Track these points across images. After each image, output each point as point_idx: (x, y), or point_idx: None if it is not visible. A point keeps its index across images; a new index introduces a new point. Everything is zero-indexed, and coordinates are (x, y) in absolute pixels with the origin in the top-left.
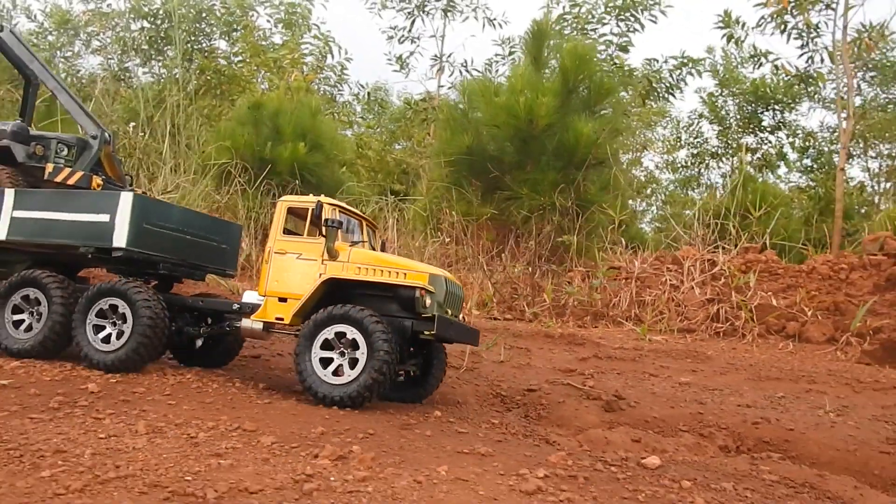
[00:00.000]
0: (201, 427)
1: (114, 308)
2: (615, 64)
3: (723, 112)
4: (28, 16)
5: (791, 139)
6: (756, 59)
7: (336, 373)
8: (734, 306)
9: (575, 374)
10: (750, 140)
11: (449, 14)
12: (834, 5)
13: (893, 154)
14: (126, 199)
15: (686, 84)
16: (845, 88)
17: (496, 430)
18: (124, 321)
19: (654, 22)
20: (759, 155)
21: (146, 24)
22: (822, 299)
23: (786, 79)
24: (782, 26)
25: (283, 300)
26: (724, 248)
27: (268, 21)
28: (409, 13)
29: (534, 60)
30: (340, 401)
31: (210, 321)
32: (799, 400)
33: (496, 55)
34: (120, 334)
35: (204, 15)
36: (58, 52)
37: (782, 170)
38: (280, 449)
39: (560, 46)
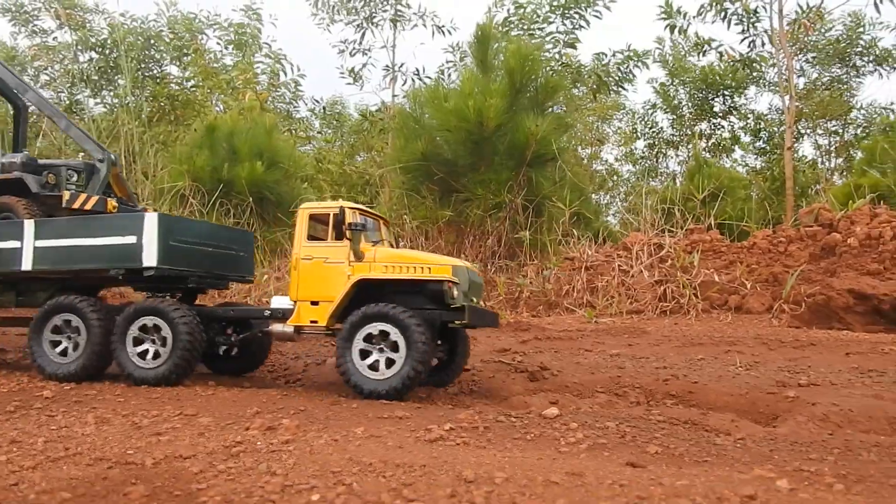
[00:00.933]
0: (146, 416)
1: (153, 326)
2: (563, 62)
3: (675, 101)
4: None
5: (742, 123)
6: (700, 47)
7: (373, 367)
8: (679, 285)
9: (510, 352)
10: (703, 126)
11: (398, 24)
12: None
13: (838, 130)
14: (151, 220)
15: (634, 77)
16: (786, 71)
17: (422, 402)
18: (162, 338)
19: (599, 18)
20: (713, 140)
21: (94, 55)
22: (761, 272)
23: (731, 64)
24: (722, 13)
25: (315, 304)
26: (670, 231)
27: (218, 43)
28: (358, 26)
29: (480, 63)
30: (386, 394)
31: (238, 329)
32: (716, 361)
33: (447, 62)
34: (157, 352)
35: (153, 42)
36: None
37: (738, 153)
38: (216, 426)
39: (505, 48)
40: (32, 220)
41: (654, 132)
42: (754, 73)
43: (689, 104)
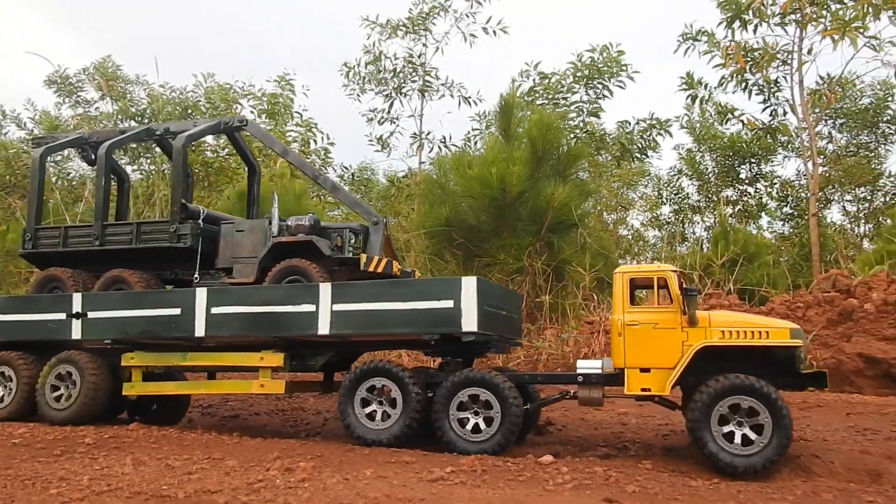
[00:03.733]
0: (178, 459)
1: (475, 398)
2: (586, 130)
3: (701, 167)
4: (18, 124)
5: (769, 189)
6: (724, 115)
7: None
8: None
9: None
10: (729, 193)
11: (426, 94)
12: (790, 61)
13: (867, 197)
14: (470, 284)
15: (657, 144)
16: (809, 140)
17: (427, 450)
18: (488, 410)
19: (623, 88)
20: (739, 207)
21: (134, 124)
22: None
23: (751, 133)
24: (743, 84)
25: (644, 370)
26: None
27: (251, 112)
28: (387, 95)
29: (503, 132)
30: (744, 471)
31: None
32: None
33: (473, 129)
34: (477, 425)
35: (190, 111)
36: (49, 156)
37: (765, 220)
38: (240, 468)
39: (528, 117)
40: (329, 284)
41: (679, 198)
42: (781, 140)
43: (716, 170)
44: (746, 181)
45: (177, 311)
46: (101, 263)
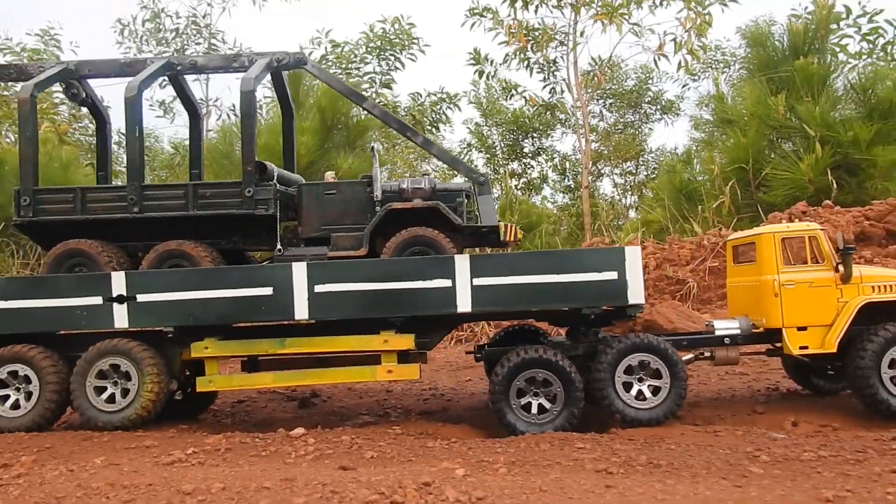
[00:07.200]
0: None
1: (640, 364)
2: (379, 101)
3: (489, 141)
4: None
5: (550, 163)
6: (508, 91)
7: None
8: None
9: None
10: (515, 166)
11: None
12: (567, 42)
13: (632, 171)
14: (634, 253)
15: (448, 119)
16: (582, 116)
17: (181, 432)
18: (656, 375)
19: (414, 60)
20: (525, 179)
21: None
22: None
23: (533, 109)
24: (525, 62)
25: (801, 329)
26: None
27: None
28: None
29: (293, 101)
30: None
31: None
32: (482, 381)
33: (266, 97)
34: (643, 391)
35: None
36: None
37: (549, 191)
38: None
39: (318, 87)
40: (467, 256)
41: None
42: (560, 117)
43: (502, 145)
44: (530, 155)
45: (268, 290)
46: (134, 235)
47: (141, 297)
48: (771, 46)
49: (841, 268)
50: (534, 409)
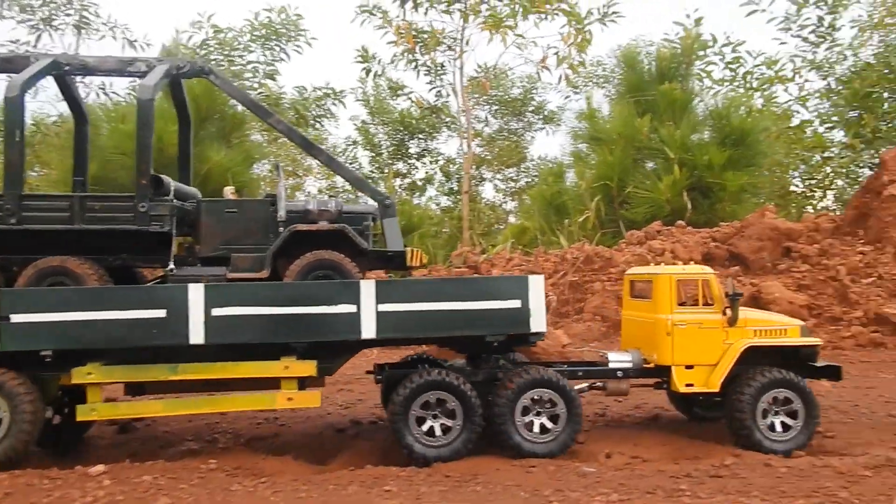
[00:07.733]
0: None
1: (542, 399)
2: (261, 92)
3: (375, 140)
4: None
5: (435, 164)
6: (394, 91)
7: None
8: None
9: None
10: (400, 166)
11: (82, 31)
12: (454, 47)
13: (514, 177)
14: (537, 283)
15: (333, 115)
16: (465, 122)
17: None
18: (552, 411)
19: (300, 52)
20: (409, 179)
21: None
22: None
23: (419, 111)
24: (413, 63)
25: (689, 367)
26: None
27: None
28: (33, 27)
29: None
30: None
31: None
32: (327, 399)
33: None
34: (543, 425)
35: None
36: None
37: (433, 192)
38: None
39: None
40: (372, 282)
41: (354, 168)
42: (445, 120)
43: (388, 144)
44: (415, 156)
45: (161, 312)
46: (9, 249)
47: (15, 318)
48: (640, 69)
49: (728, 311)
50: (436, 432)
